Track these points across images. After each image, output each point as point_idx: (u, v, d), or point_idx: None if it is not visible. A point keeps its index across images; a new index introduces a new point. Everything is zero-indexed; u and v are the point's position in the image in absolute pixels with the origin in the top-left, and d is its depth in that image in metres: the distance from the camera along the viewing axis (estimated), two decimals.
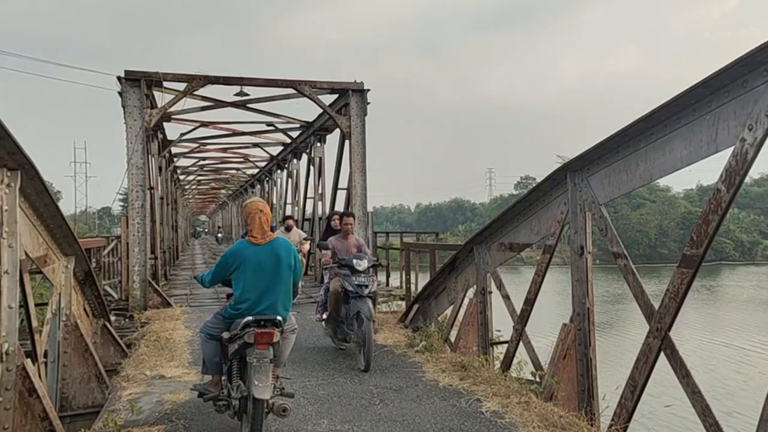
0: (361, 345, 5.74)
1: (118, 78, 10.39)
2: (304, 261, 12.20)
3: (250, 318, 3.67)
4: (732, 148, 3.55)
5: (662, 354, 4.13)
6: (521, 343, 6.07)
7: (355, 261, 6.15)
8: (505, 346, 6.35)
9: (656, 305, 4.17)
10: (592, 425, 4.28)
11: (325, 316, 6.71)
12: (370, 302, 5.96)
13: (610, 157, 4.69)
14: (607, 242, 4.80)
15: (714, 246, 49.62)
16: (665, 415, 10.56)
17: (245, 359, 3.66)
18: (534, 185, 6.02)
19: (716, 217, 3.69)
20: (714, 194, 3.69)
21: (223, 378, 3.93)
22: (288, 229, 10.32)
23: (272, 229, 4.28)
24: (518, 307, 6.13)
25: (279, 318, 3.72)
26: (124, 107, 10.40)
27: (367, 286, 5.99)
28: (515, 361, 5.98)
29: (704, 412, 3.77)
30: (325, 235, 8.40)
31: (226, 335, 3.74)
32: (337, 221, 7.97)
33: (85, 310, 7.23)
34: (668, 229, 58.56)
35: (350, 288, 5.99)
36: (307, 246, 10.61)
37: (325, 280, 7.08)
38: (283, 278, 3.85)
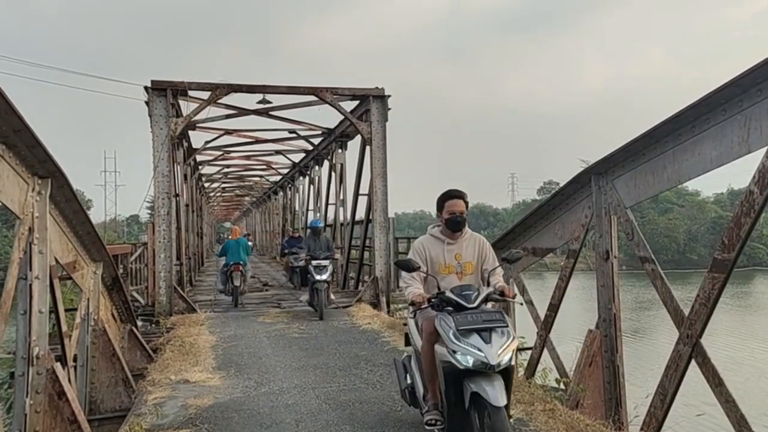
0: None
1: (145, 88, 10.61)
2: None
3: (231, 262, 10.95)
4: (765, 149, 3.45)
5: (693, 362, 4.01)
6: (545, 350, 5.97)
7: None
8: (529, 352, 6.25)
9: (686, 311, 4.06)
10: None
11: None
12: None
13: (636, 159, 4.60)
14: (633, 246, 4.70)
15: (746, 251, 48.14)
16: (697, 425, 10.24)
17: (231, 275, 10.89)
18: (557, 190, 5.94)
19: (749, 220, 3.58)
20: (746, 196, 3.58)
21: (226, 285, 11.29)
22: (454, 227, 3.79)
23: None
24: (542, 313, 6.04)
25: (241, 262, 10.94)
26: (150, 116, 10.61)
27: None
28: (539, 367, 5.88)
29: (739, 422, 3.65)
30: None
31: (224, 269, 11.41)
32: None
33: (112, 315, 7.37)
34: (698, 234, 57.08)
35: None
36: (501, 282, 3.77)
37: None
38: (240, 251, 11.09)
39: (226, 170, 24.08)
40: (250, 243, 31.01)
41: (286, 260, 15.11)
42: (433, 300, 3.43)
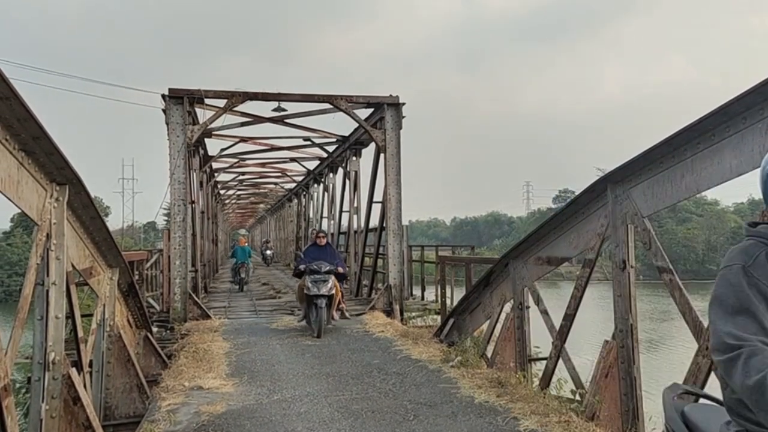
0: None
1: (163, 96, 10.76)
2: None
3: (239, 262, 16.43)
4: None
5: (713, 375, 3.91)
6: (560, 360, 5.88)
7: None
8: (544, 362, 6.17)
9: (705, 323, 3.97)
10: None
11: None
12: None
13: (653, 168, 4.53)
14: (651, 256, 4.62)
15: None
16: None
17: (239, 271, 16.34)
18: (572, 198, 5.87)
19: None
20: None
21: (236, 277, 16.49)
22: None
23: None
24: (557, 322, 5.96)
25: (245, 262, 16.43)
26: (167, 124, 10.74)
27: None
28: (554, 378, 5.80)
29: None
30: None
31: (234, 266, 16.80)
32: None
33: (128, 321, 7.43)
34: (717, 244, 56.08)
35: None
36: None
37: None
38: (245, 254, 16.56)
39: (241, 177, 24.27)
40: (269, 251, 31.65)
41: (300, 283, 8.80)
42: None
